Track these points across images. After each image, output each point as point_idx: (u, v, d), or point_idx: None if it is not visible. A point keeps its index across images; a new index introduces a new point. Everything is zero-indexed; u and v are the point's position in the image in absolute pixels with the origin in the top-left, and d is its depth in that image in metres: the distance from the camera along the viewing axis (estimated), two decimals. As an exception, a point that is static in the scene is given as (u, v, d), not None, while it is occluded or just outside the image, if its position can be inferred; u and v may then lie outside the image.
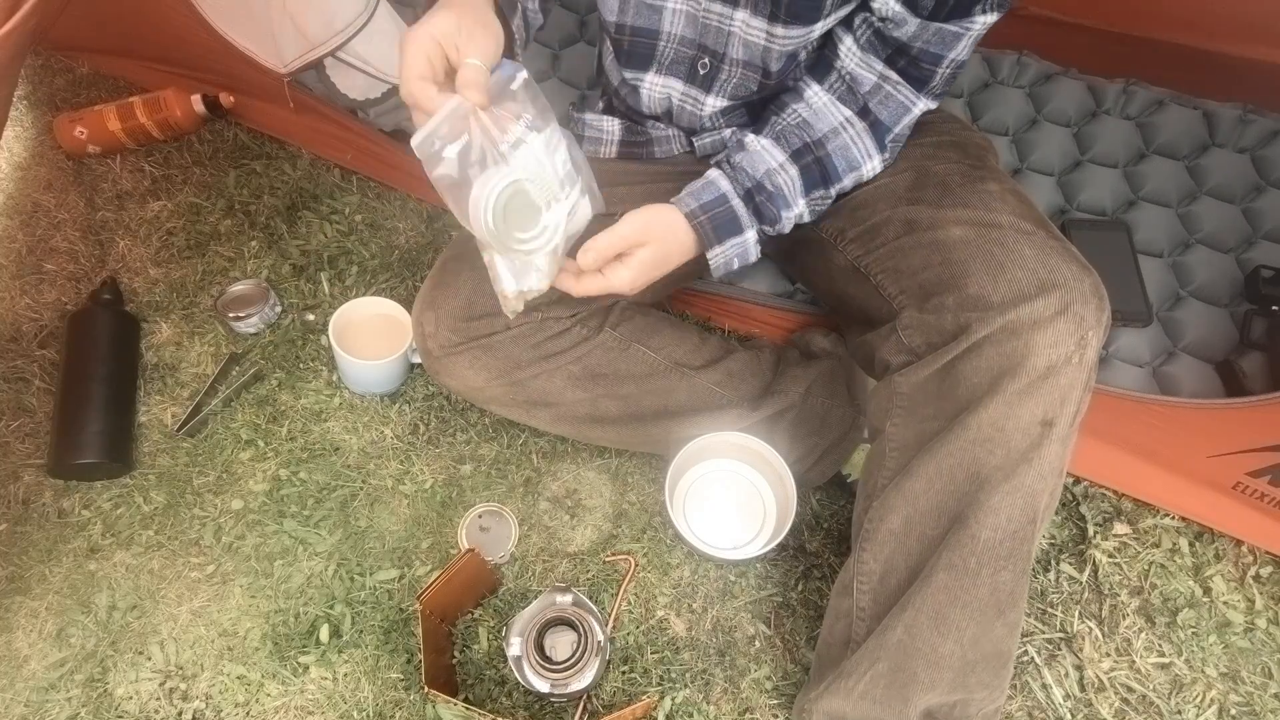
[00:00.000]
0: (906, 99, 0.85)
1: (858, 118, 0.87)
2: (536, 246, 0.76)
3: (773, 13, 0.80)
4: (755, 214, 0.87)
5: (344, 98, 1.30)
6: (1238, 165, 1.29)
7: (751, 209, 0.87)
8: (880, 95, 0.86)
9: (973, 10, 0.78)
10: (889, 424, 0.85)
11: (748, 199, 0.87)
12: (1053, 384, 0.74)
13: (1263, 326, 1.09)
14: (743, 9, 0.82)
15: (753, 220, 0.88)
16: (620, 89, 0.98)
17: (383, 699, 0.99)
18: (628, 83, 0.95)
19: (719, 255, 0.88)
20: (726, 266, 0.90)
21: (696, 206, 0.86)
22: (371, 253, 1.34)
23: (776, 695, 1.01)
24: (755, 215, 0.87)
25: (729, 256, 0.89)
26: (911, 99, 0.85)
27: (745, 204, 0.87)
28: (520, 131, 0.73)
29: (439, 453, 1.17)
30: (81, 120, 1.38)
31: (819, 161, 0.88)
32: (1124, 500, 1.15)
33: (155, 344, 1.24)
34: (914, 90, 0.85)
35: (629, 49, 0.91)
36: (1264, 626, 1.07)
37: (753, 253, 0.90)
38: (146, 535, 1.09)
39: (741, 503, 1.12)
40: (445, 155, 0.70)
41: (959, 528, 0.79)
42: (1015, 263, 0.77)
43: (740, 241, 0.88)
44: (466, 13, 0.73)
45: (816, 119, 0.87)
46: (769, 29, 0.82)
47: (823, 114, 0.88)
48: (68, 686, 0.99)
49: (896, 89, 0.85)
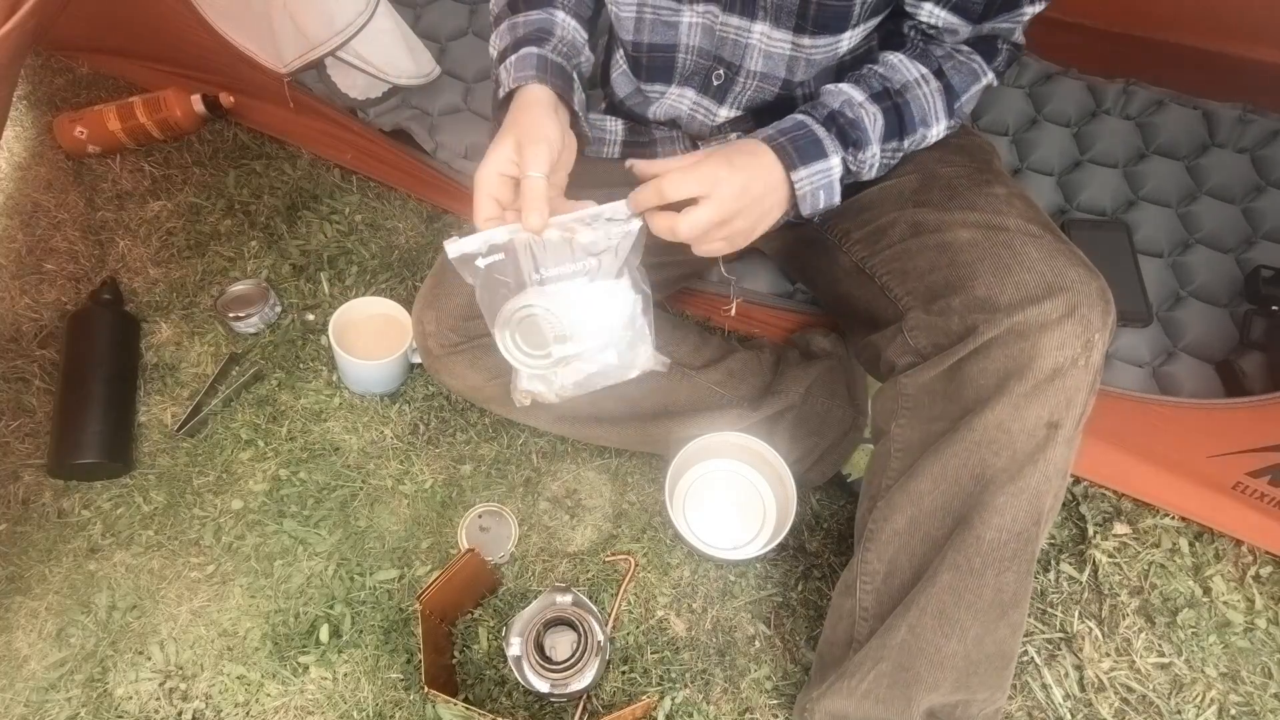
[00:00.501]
0: (979, 66, 0.84)
1: (934, 77, 0.84)
2: (539, 370, 0.80)
3: (798, 25, 0.80)
4: (839, 137, 0.80)
5: (344, 97, 1.30)
6: (1238, 165, 1.29)
7: (835, 132, 0.80)
8: (954, 61, 0.84)
9: (1021, 4, 0.80)
10: (894, 425, 0.85)
11: (829, 122, 0.81)
12: (1059, 386, 0.75)
13: (1262, 326, 1.09)
14: (762, 22, 0.81)
15: (837, 146, 0.80)
16: (629, 99, 0.98)
17: (383, 699, 0.99)
18: (643, 93, 0.95)
19: (805, 182, 0.79)
20: (814, 202, 0.81)
21: (775, 131, 0.80)
22: (371, 253, 1.34)
23: (776, 695, 1.01)
24: (839, 139, 0.80)
25: (815, 185, 0.80)
26: (983, 67, 0.84)
27: (826, 127, 0.80)
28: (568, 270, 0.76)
29: (439, 453, 1.17)
30: (81, 120, 1.38)
31: (897, 108, 0.83)
32: (1124, 500, 1.15)
33: (155, 344, 1.24)
34: (985, 61, 0.84)
35: (648, 64, 0.91)
36: (1264, 626, 1.07)
37: (837, 190, 0.82)
38: (146, 535, 1.09)
39: (741, 503, 1.12)
40: (478, 265, 0.75)
41: (964, 528, 0.79)
42: (1022, 265, 0.77)
43: (825, 169, 0.80)
44: (526, 130, 0.75)
45: (893, 71, 0.84)
46: (795, 40, 0.81)
47: (899, 68, 0.84)
48: (68, 686, 0.99)
49: (970, 58, 0.84)
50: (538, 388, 0.83)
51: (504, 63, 0.83)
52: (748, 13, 0.81)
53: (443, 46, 1.43)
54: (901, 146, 0.85)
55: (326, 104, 1.32)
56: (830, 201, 0.82)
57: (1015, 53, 0.85)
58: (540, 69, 0.80)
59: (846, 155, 0.81)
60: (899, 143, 0.84)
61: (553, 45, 0.84)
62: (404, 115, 1.31)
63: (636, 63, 0.91)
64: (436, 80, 1.37)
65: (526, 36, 0.84)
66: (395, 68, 1.30)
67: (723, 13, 0.82)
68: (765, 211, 0.79)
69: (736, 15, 0.81)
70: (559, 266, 0.76)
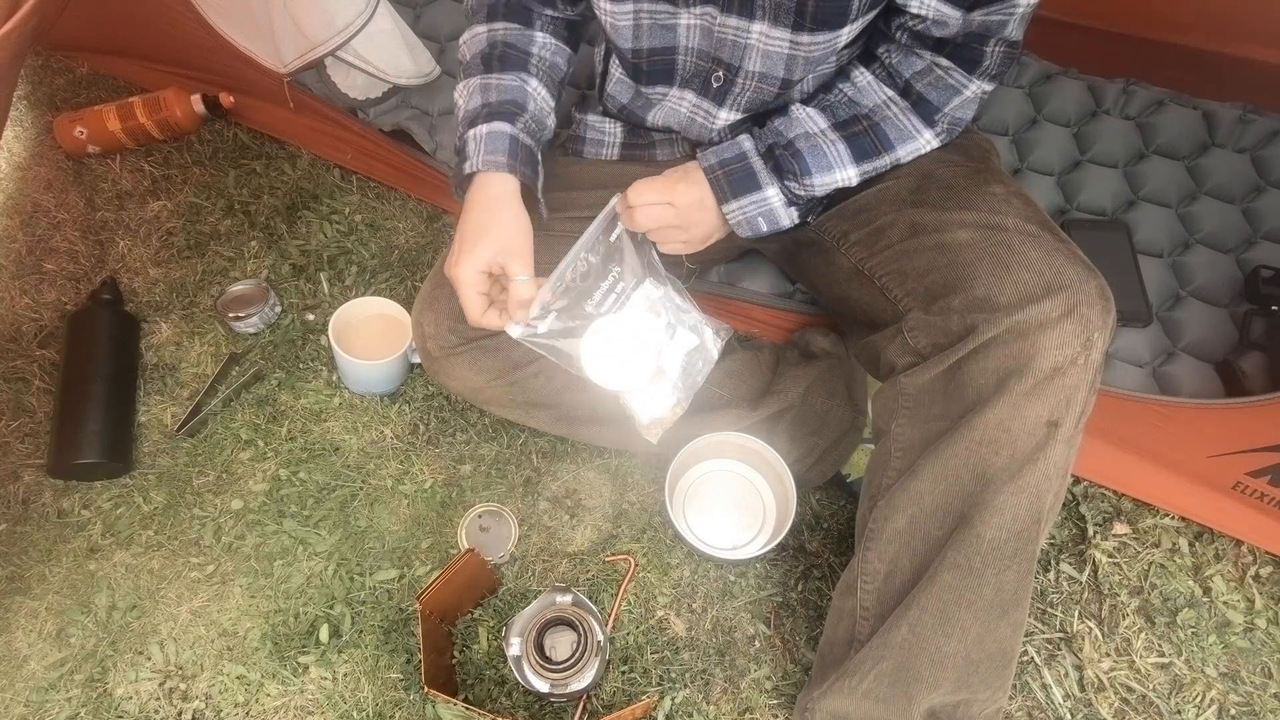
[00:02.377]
0: (957, 82, 0.85)
1: (900, 97, 0.87)
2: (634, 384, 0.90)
3: (796, 22, 0.80)
4: (774, 171, 0.87)
5: (344, 97, 1.30)
6: (1237, 165, 1.29)
7: (771, 165, 0.87)
8: (930, 78, 0.85)
9: None
10: (894, 425, 0.85)
11: (767, 155, 0.86)
12: (1059, 385, 0.75)
13: (1262, 326, 1.09)
14: (760, 21, 0.81)
15: (772, 177, 0.87)
16: (631, 104, 0.98)
17: (382, 699, 0.99)
18: (644, 96, 0.95)
19: (736, 212, 0.89)
20: (751, 226, 0.90)
21: (715, 162, 0.88)
22: (371, 253, 1.34)
23: (776, 695, 1.01)
24: (774, 172, 0.87)
25: (749, 214, 0.89)
26: (963, 81, 0.85)
27: (764, 160, 0.87)
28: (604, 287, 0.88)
29: (439, 453, 1.17)
30: (81, 120, 1.38)
31: (870, 130, 0.87)
32: (1124, 500, 1.15)
33: (155, 344, 1.24)
34: (965, 73, 0.84)
35: (649, 69, 0.91)
36: (1264, 626, 1.07)
37: (782, 214, 0.90)
38: (146, 535, 1.09)
39: (741, 503, 1.12)
40: (539, 329, 0.85)
41: (964, 527, 0.79)
42: (1022, 265, 0.77)
43: (760, 199, 0.88)
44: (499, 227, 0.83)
45: (861, 95, 0.87)
46: (793, 38, 0.81)
47: (866, 91, 0.87)
48: (67, 686, 0.99)
49: (948, 74, 0.84)
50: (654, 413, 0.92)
51: (473, 129, 0.87)
52: (746, 12, 0.81)
53: (442, 46, 1.43)
54: (884, 162, 0.89)
55: (326, 104, 1.32)
56: (775, 225, 0.90)
57: (1011, 51, 0.83)
58: (511, 155, 0.86)
59: (787, 184, 0.87)
60: (879, 158, 0.88)
61: (524, 123, 0.88)
62: (404, 115, 1.31)
63: (636, 69, 0.92)
64: (436, 80, 1.37)
65: (499, 108, 0.88)
66: (395, 67, 1.30)
67: (720, 13, 0.82)
68: (717, 225, 0.92)
69: (735, 15, 0.81)
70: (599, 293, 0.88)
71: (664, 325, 0.90)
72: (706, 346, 0.95)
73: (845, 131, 0.87)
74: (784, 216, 0.90)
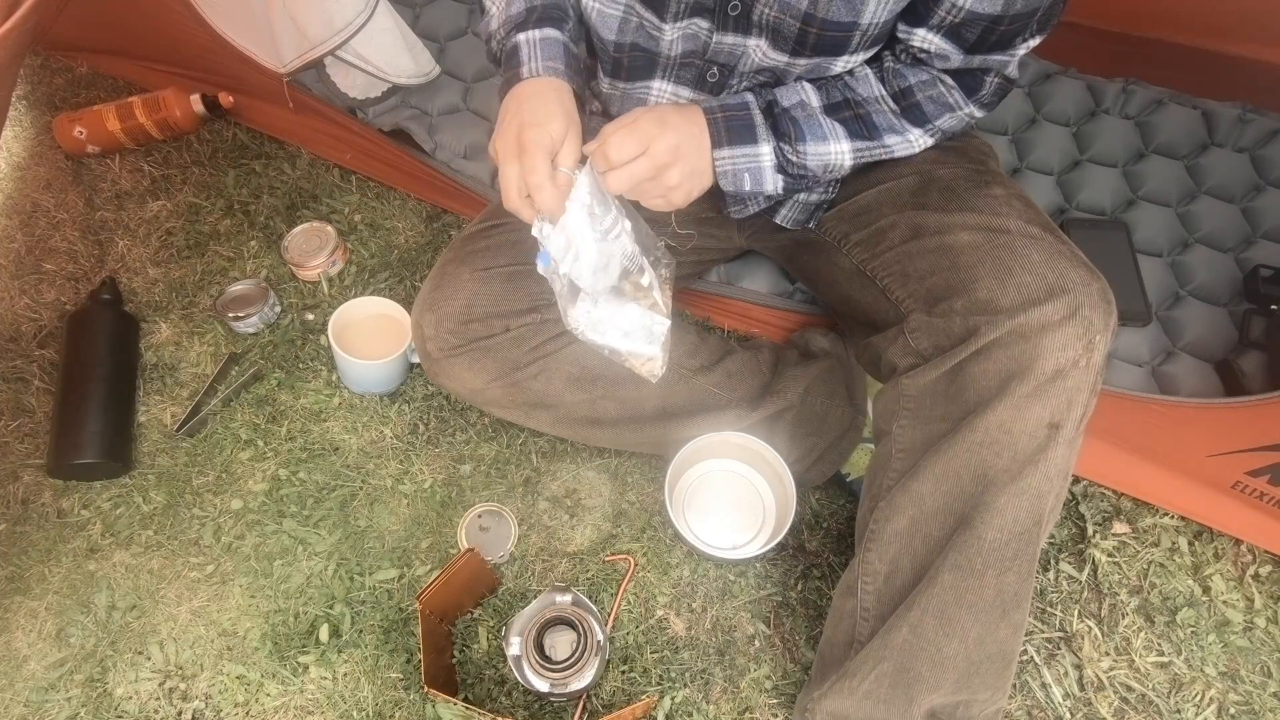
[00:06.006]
0: (955, 102, 0.85)
1: (892, 99, 0.86)
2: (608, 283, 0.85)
3: (795, 49, 0.80)
4: (773, 129, 0.83)
5: (344, 97, 1.30)
6: (1237, 165, 1.29)
7: (770, 122, 0.83)
8: (932, 91, 0.85)
9: (1015, 42, 0.79)
10: (896, 426, 0.85)
11: (767, 112, 0.84)
12: (1060, 387, 0.75)
13: (1262, 326, 1.09)
14: (757, 38, 0.81)
15: (769, 135, 0.83)
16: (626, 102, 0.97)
17: (382, 699, 0.99)
18: (631, 95, 0.94)
19: (726, 161, 0.83)
20: (735, 180, 0.84)
21: (717, 104, 0.84)
22: (371, 253, 1.34)
23: (776, 695, 1.01)
24: (772, 130, 0.83)
25: (738, 167, 0.84)
26: (960, 102, 0.85)
27: (764, 115, 0.84)
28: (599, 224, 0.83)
29: (439, 452, 1.17)
30: (81, 120, 1.38)
31: (860, 118, 0.85)
32: (1123, 499, 1.15)
33: (155, 344, 1.24)
34: (964, 96, 0.85)
35: (629, 64, 0.89)
36: (1263, 625, 1.07)
37: (769, 177, 0.85)
38: (146, 535, 1.09)
39: (741, 503, 1.12)
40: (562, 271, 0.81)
41: (965, 529, 0.79)
42: (1024, 267, 0.77)
43: (753, 154, 0.83)
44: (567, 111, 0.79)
45: (857, 84, 0.86)
46: (791, 60, 0.81)
47: (863, 82, 0.86)
48: (67, 686, 0.99)
49: (950, 91, 0.85)
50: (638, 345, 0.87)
51: (523, 33, 0.84)
52: (741, 30, 0.81)
53: (442, 46, 1.43)
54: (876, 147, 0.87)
55: (326, 104, 1.32)
56: (759, 187, 0.85)
57: (1006, 85, 0.85)
58: (568, 65, 0.83)
59: (781, 146, 0.83)
60: (871, 142, 0.86)
61: (569, 29, 0.86)
62: (403, 115, 1.31)
63: (619, 63, 0.89)
64: (436, 80, 1.37)
65: (547, 13, 0.85)
66: (395, 67, 1.30)
67: (717, 31, 0.81)
68: (694, 172, 0.82)
69: (731, 34, 0.81)
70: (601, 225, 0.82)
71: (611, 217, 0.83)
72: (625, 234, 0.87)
73: (836, 116, 0.85)
74: (769, 181, 0.85)
